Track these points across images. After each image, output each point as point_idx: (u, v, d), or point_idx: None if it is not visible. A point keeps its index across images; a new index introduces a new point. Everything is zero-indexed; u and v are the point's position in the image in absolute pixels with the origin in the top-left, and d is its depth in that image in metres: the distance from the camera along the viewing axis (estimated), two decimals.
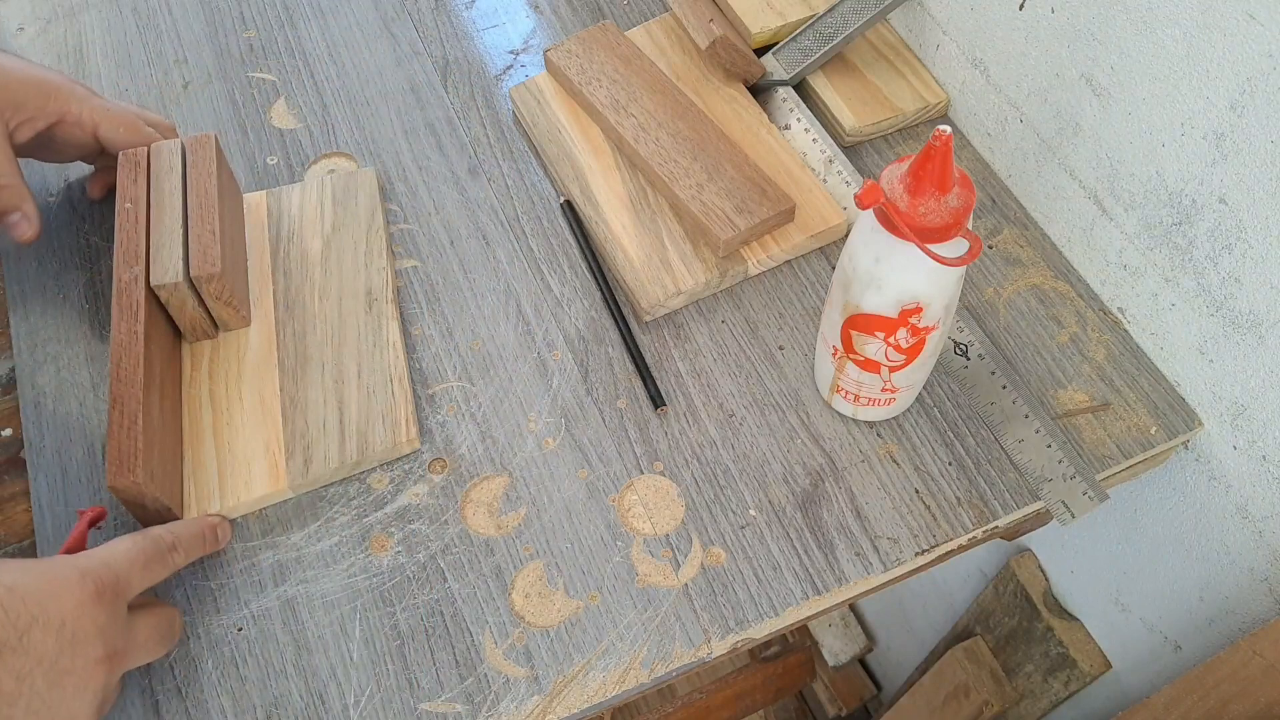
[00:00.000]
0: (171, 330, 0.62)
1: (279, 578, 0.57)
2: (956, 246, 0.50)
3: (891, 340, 0.54)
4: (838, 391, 0.61)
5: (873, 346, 0.55)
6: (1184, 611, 0.72)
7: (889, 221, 0.49)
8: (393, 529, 0.59)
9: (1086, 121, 0.64)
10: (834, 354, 0.58)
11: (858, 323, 0.54)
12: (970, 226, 0.50)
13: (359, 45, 0.81)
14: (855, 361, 0.57)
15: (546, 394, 0.64)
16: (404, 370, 0.62)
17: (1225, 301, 0.59)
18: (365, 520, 0.59)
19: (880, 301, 0.52)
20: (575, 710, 0.54)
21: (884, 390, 0.59)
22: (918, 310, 0.52)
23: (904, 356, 0.55)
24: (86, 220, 0.71)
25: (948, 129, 0.46)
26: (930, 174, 0.47)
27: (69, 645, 0.42)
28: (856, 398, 0.60)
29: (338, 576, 0.57)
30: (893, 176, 0.49)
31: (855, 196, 0.49)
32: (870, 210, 0.51)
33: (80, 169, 0.73)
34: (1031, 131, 0.69)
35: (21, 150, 0.63)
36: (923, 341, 0.55)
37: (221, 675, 0.54)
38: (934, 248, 0.49)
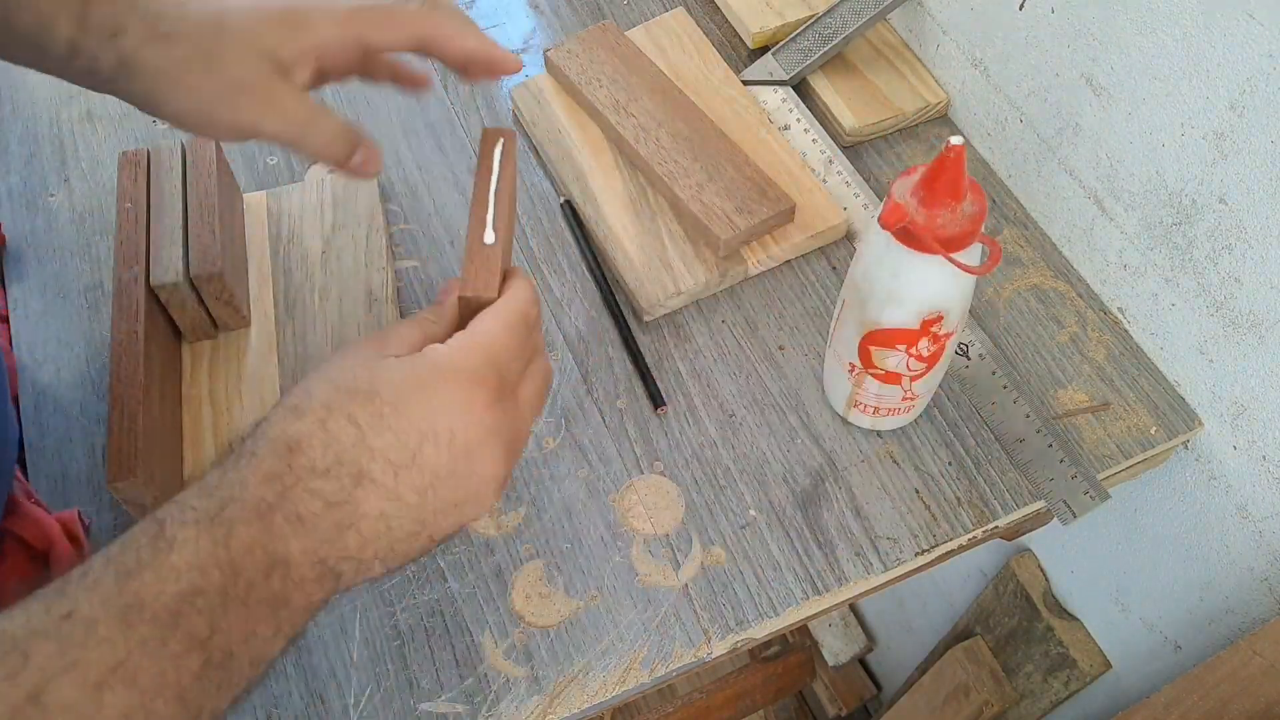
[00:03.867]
0: (171, 330, 0.62)
1: None
2: (971, 253, 0.50)
3: (913, 351, 0.54)
4: (855, 406, 0.60)
5: (894, 359, 0.55)
6: (1184, 611, 0.72)
7: (909, 236, 0.49)
8: None
9: (1086, 121, 0.64)
10: (850, 370, 0.58)
11: (877, 338, 0.54)
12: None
13: None
14: (875, 376, 0.57)
15: (546, 394, 0.64)
16: None
17: (1225, 301, 0.59)
18: None
19: (901, 315, 0.52)
20: (575, 710, 0.54)
21: (904, 399, 0.59)
22: (939, 319, 0.52)
23: (925, 365, 0.55)
24: (86, 220, 0.71)
25: (960, 140, 0.46)
26: (944, 185, 0.47)
27: (463, 455, 0.40)
28: (876, 410, 0.60)
29: None
30: (904, 190, 0.49)
31: (879, 219, 0.49)
32: (879, 226, 0.50)
33: (79, 169, 0.74)
34: (1031, 131, 0.69)
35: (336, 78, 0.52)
36: (943, 348, 0.55)
37: None
38: (955, 256, 0.49)
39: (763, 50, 0.78)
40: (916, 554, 0.58)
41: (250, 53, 0.46)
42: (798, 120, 0.74)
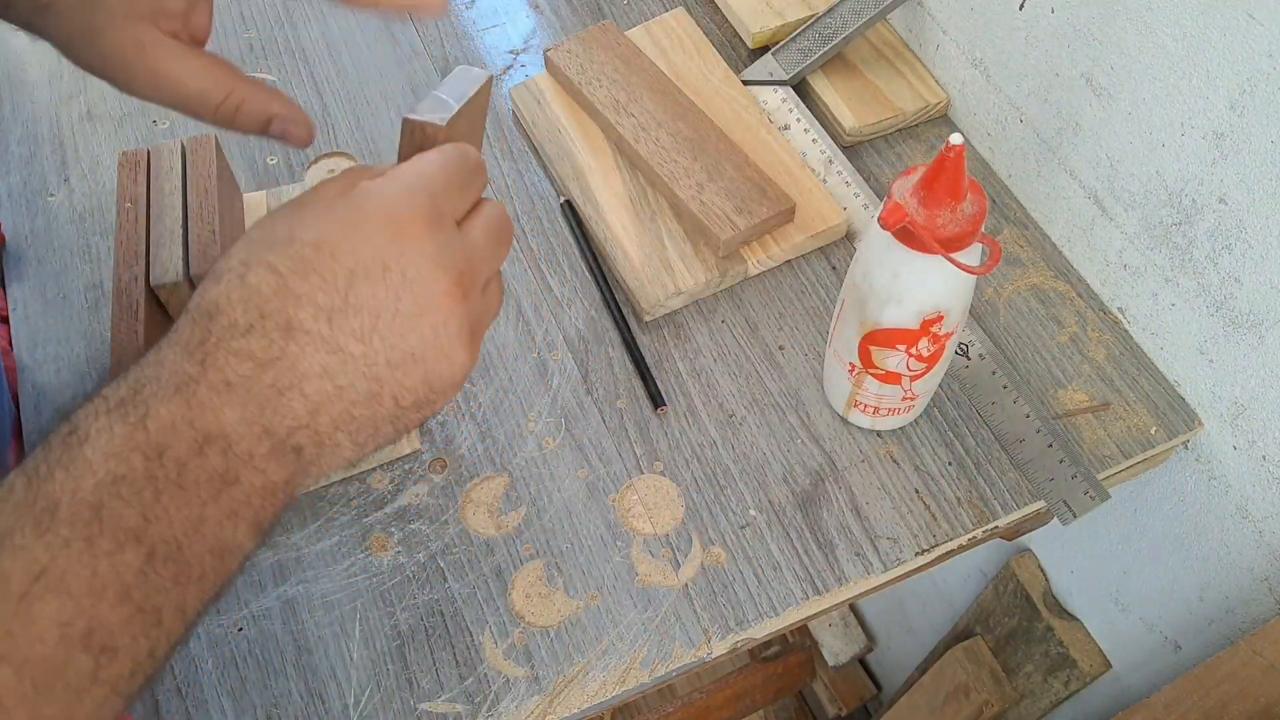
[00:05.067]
0: None
1: (279, 578, 0.57)
2: (971, 253, 0.50)
3: (913, 351, 0.54)
4: (855, 406, 0.60)
5: (894, 359, 0.55)
6: (1184, 611, 0.72)
7: (909, 236, 0.49)
8: (393, 529, 0.59)
9: (1086, 121, 0.64)
10: (850, 370, 0.58)
11: (877, 338, 0.54)
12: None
13: (359, 45, 0.81)
14: (875, 376, 0.57)
15: (546, 394, 0.64)
16: None
17: (1225, 301, 0.59)
18: (365, 520, 0.59)
19: (901, 315, 0.52)
20: (575, 710, 0.54)
21: (904, 399, 0.59)
22: (939, 319, 0.52)
23: (925, 365, 0.55)
24: (86, 220, 0.71)
25: (959, 139, 0.46)
26: (944, 185, 0.47)
27: (404, 287, 0.35)
28: (876, 410, 0.60)
29: (338, 576, 0.57)
30: (904, 190, 0.49)
31: (879, 219, 0.49)
32: (879, 226, 0.50)
33: (79, 169, 0.74)
34: (1031, 131, 0.69)
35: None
36: (943, 348, 0.55)
37: (221, 675, 0.54)
38: (955, 256, 0.49)
39: (763, 50, 0.78)
40: (916, 554, 0.58)
41: (129, 21, 0.42)
42: (798, 120, 0.74)
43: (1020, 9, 0.66)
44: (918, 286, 0.51)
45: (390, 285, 0.35)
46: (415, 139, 0.41)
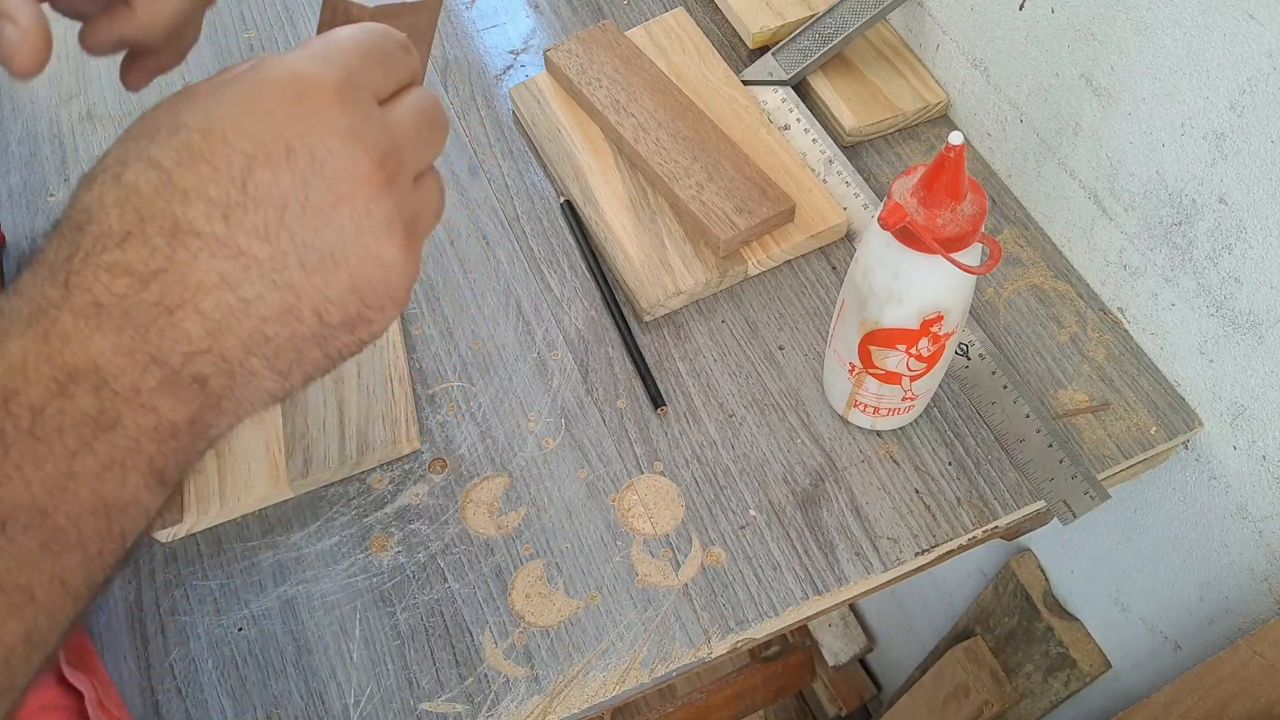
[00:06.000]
0: None
1: (279, 578, 0.57)
2: (971, 253, 0.50)
3: (913, 351, 0.54)
4: (855, 406, 0.60)
5: (894, 359, 0.55)
6: (1184, 611, 0.72)
7: (909, 236, 0.49)
8: (393, 529, 0.59)
9: (1086, 121, 0.64)
10: (850, 370, 0.58)
11: (878, 338, 0.54)
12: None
13: None
14: (875, 376, 0.57)
15: (546, 394, 0.64)
16: (404, 370, 0.62)
17: (1225, 301, 0.59)
18: (365, 520, 0.59)
19: (901, 315, 0.52)
20: (575, 710, 0.54)
21: (904, 399, 0.59)
22: (939, 319, 0.52)
23: (925, 365, 0.55)
24: None
25: (960, 138, 0.46)
26: (944, 185, 0.47)
27: (313, 170, 0.29)
28: (876, 410, 0.60)
29: (338, 576, 0.57)
30: (904, 190, 0.49)
31: (879, 218, 0.49)
32: (879, 226, 0.50)
33: (79, 169, 0.73)
34: (1031, 131, 0.69)
35: None
36: (943, 348, 0.55)
37: (221, 675, 0.54)
38: (955, 256, 0.49)
39: (763, 50, 0.78)
40: (916, 554, 0.58)
41: None
42: (798, 120, 0.74)
43: (1020, 9, 0.66)
44: (918, 286, 0.51)
45: (296, 169, 0.29)
46: (336, 19, 0.35)
